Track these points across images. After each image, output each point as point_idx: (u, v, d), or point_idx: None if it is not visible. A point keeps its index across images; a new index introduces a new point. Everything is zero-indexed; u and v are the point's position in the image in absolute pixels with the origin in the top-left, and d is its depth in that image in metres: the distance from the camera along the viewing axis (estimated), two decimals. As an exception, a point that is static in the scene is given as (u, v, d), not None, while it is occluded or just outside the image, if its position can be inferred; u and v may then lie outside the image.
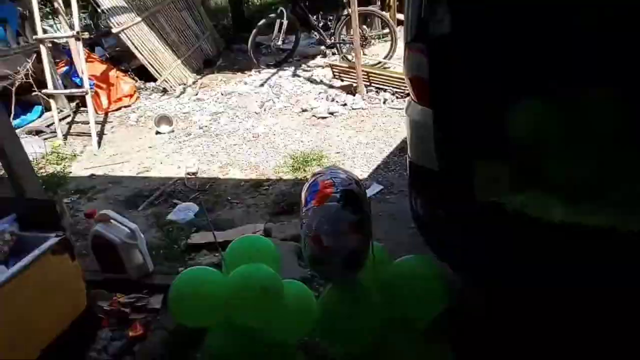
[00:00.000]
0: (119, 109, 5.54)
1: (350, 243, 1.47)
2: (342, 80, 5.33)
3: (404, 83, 4.53)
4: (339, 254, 1.47)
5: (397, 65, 5.49)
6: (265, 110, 5.00)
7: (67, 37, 5.04)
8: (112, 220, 2.39)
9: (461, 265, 1.84)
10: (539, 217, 1.56)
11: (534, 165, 1.72)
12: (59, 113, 5.09)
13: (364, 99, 4.84)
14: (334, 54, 6.17)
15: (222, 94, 5.54)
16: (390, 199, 3.15)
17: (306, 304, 1.81)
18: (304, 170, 3.62)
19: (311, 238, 1.49)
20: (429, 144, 1.73)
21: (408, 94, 1.96)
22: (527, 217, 1.58)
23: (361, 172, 3.57)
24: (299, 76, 5.81)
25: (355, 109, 4.71)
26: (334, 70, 5.45)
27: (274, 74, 5.95)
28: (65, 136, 4.94)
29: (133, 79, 5.94)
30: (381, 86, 4.97)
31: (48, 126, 5.06)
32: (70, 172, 4.20)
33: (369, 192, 3.20)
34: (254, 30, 5.97)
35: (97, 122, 4.97)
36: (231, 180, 3.70)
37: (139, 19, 5.83)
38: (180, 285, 1.74)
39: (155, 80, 5.89)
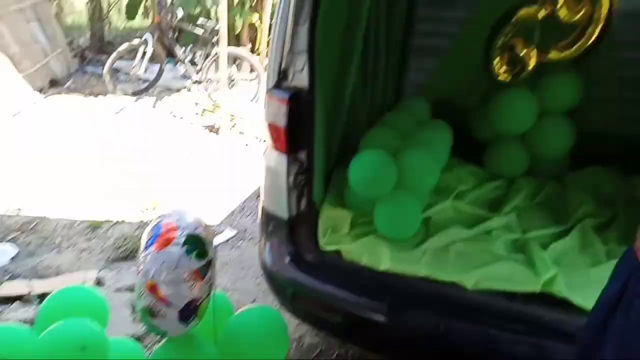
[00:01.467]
0: None
1: (189, 292, 1.36)
2: (207, 118, 5.25)
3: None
4: (176, 304, 1.34)
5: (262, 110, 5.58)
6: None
7: None
8: None
9: (305, 315, 1.83)
10: (370, 266, 1.64)
11: (368, 214, 1.83)
12: None
13: (227, 140, 4.78)
14: (199, 90, 6.00)
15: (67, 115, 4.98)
16: (241, 245, 3.07)
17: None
18: (153, 210, 3.36)
19: (147, 287, 1.34)
20: (281, 191, 1.73)
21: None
22: (361, 265, 1.65)
23: (216, 216, 3.43)
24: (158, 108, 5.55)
25: (216, 150, 4.62)
26: (200, 108, 5.35)
27: (135, 100, 5.59)
28: None
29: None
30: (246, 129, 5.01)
31: None
32: None
33: (222, 238, 3.10)
34: (114, 54, 5.61)
35: None
36: (63, 219, 3.23)
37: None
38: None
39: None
